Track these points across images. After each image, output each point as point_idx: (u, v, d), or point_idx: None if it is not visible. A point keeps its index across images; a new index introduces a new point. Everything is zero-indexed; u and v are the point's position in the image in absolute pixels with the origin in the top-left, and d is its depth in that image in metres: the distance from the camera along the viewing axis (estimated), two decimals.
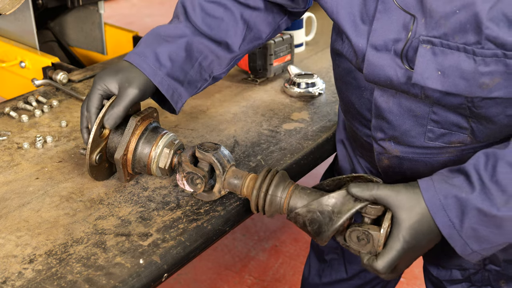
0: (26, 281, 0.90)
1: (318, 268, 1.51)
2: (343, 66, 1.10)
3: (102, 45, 2.04)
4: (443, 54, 0.88)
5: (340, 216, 0.94)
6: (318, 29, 1.99)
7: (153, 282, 0.94)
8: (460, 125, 0.97)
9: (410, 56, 0.92)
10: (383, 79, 0.97)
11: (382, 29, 0.94)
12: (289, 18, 1.27)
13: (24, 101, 1.47)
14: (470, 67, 0.86)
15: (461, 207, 0.88)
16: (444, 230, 0.90)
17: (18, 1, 1.52)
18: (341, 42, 1.08)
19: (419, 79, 0.91)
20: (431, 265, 1.21)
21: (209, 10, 1.16)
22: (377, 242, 0.93)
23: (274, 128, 1.38)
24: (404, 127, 1.02)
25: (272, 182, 1.01)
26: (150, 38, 1.14)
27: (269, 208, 1.01)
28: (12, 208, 1.07)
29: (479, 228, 0.88)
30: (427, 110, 0.98)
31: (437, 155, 1.03)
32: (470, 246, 0.91)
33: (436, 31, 0.88)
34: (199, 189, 1.05)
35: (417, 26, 0.90)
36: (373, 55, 0.96)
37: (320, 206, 0.95)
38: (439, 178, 0.91)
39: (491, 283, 1.13)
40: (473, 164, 0.89)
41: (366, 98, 1.06)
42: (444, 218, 0.89)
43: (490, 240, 0.90)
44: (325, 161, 1.40)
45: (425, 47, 0.89)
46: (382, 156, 1.10)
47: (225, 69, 1.21)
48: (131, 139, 1.08)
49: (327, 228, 0.95)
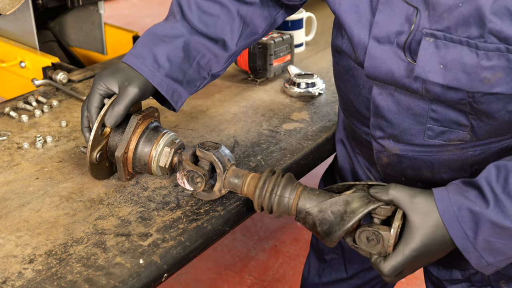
0: (26, 281, 0.90)
1: (318, 268, 1.51)
2: (342, 63, 1.10)
3: (102, 45, 2.04)
4: (445, 48, 0.87)
5: (352, 216, 0.94)
6: (318, 29, 1.99)
7: (153, 282, 0.94)
8: (460, 123, 0.96)
9: (413, 49, 0.92)
10: (384, 72, 0.96)
11: (385, 21, 0.94)
12: (285, 11, 1.26)
13: (24, 101, 1.47)
14: (472, 61, 0.86)
15: (475, 220, 0.88)
16: (458, 242, 0.90)
17: (18, 1, 1.52)
18: (341, 38, 1.07)
19: (421, 72, 0.90)
20: (431, 265, 1.21)
21: (205, 8, 1.16)
22: (387, 242, 0.92)
23: (274, 128, 1.38)
24: (403, 125, 1.02)
25: (279, 183, 1.01)
26: (147, 39, 1.14)
27: (277, 209, 1.01)
28: (12, 208, 1.07)
29: (493, 241, 0.88)
30: (426, 108, 0.97)
31: (437, 153, 1.03)
32: (485, 259, 0.90)
33: (439, 24, 0.87)
34: (199, 188, 1.05)
35: (420, 18, 0.89)
36: (375, 47, 0.95)
37: (332, 206, 0.95)
38: (454, 190, 0.91)
39: (491, 283, 1.13)
40: (484, 177, 0.89)
41: (364, 96, 1.06)
42: (458, 229, 0.89)
43: (505, 252, 0.89)
44: (325, 161, 1.40)
45: (428, 40, 0.88)
46: (382, 154, 1.10)
47: (223, 66, 1.21)
48: (132, 138, 1.08)
49: (338, 228, 0.95)
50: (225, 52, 1.18)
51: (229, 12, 1.17)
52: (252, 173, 1.04)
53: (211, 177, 1.07)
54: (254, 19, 1.21)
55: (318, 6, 2.27)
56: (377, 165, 1.14)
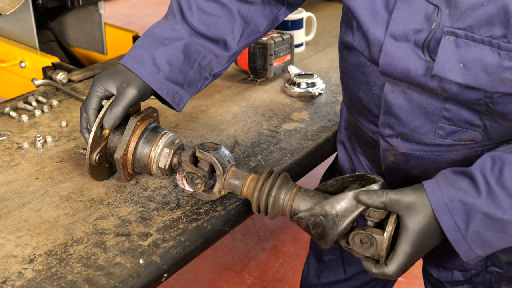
0: (26, 281, 0.90)
1: (317, 269, 1.51)
2: (351, 60, 1.09)
3: (102, 45, 2.04)
4: (466, 47, 0.87)
5: (344, 219, 0.94)
6: (318, 29, 1.99)
7: (153, 282, 0.94)
8: (473, 123, 0.96)
9: (431, 47, 0.91)
10: (399, 70, 0.95)
11: (402, 19, 0.93)
12: (287, 9, 1.25)
13: (24, 101, 1.47)
14: (494, 61, 0.85)
15: (467, 211, 0.88)
16: (449, 234, 0.90)
17: (18, 1, 1.52)
18: (351, 34, 1.06)
19: (440, 71, 0.89)
20: (431, 267, 1.21)
21: (205, 8, 1.15)
22: (380, 245, 0.92)
23: (274, 128, 1.38)
24: (414, 123, 1.01)
25: (275, 184, 1.00)
26: (147, 41, 1.13)
27: (271, 210, 1.01)
28: (12, 208, 1.07)
29: (484, 233, 0.88)
30: (439, 106, 0.97)
31: (445, 153, 1.02)
32: (474, 251, 0.90)
33: (461, 23, 0.87)
34: (199, 189, 1.05)
35: (441, 17, 0.89)
36: (392, 44, 0.94)
37: (323, 210, 0.95)
38: (444, 180, 0.91)
39: (492, 286, 1.13)
40: (479, 167, 0.89)
41: (375, 94, 1.05)
42: (449, 221, 0.89)
43: (494, 244, 0.90)
44: (325, 161, 1.40)
45: (448, 38, 0.88)
46: (388, 153, 1.09)
47: (224, 66, 1.21)
48: (131, 139, 1.08)
49: (331, 232, 0.95)
50: (226, 52, 1.18)
51: (229, 12, 1.16)
52: (252, 174, 1.04)
53: (211, 177, 1.07)
54: (255, 18, 1.20)
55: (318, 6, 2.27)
56: (381, 164, 1.14)
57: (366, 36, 0.98)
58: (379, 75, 1.01)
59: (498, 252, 1.00)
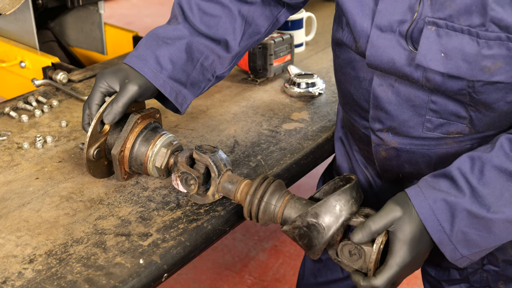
0: (26, 281, 0.90)
1: (314, 268, 1.51)
2: (342, 56, 1.10)
3: (102, 45, 2.04)
4: (447, 36, 0.88)
5: (328, 229, 0.93)
6: (318, 29, 1.99)
7: (153, 282, 0.94)
8: (459, 115, 0.97)
9: (414, 38, 0.92)
10: (385, 61, 0.97)
11: (387, 10, 0.94)
12: (287, 10, 1.26)
13: (24, 101, 1.47)
14: (473, 49, 0.87)
15: (451, 210, 0.89)
16: (434, 236, 0.91)
17: (18, 1, 1.52)
18: (341, 30, 1.08)
19: (422, 60, 0.91)
20: (429, 266, 1.22)
21: (206, 9, 1.16)
22: (369, 257, 0.91)
23: (274, 128, 1.38)
24: (402, 117, 1.02)
25: (267, 190, 1.00)
26: (150, 41, 1.14)
27: (262, 216, 1.00)
28: (12, 208, 1.07)
29: (469, 232, 0.89)
30: (426, 99, 0.98)
31: (435, 147, 1.03)
32: (459, 251, 0.91)
33: (442, 13, 0.88)
34: (192, 190, 1.04)
35: (423, 7, 0.90)
36: (378, 35, 0.96)
37: (304, 221, 0.94)
38: (425, 185, 0.92)
39: (489, 284, 1.13)
40: (457, 167, 0.90)
41: (364, 88, 1.07)
42: (434, 223, 0.90)
43: (480, 244, 0.91)
44: (325, 161, 1.40)
45: (430, 28, 0.89)
46: (380, 148, 1.10)
47: (227, 68, 1.21)
48: (129, 136, 1.08)
49: (317, 242, 0.94)
50: (228, 52, 1.18)
51: (230, 12, 1.17)
52: (246, 180, 1.03)
53: (207, 181, 1.07)
54: (256, 19, 1.21)
55: (318, 6, 2.27)
56: (375, 161, 1.14)
57: (353, 29, 1.00)
58: (368, 69, 1.03)
59: (494, 250, 1.00)
